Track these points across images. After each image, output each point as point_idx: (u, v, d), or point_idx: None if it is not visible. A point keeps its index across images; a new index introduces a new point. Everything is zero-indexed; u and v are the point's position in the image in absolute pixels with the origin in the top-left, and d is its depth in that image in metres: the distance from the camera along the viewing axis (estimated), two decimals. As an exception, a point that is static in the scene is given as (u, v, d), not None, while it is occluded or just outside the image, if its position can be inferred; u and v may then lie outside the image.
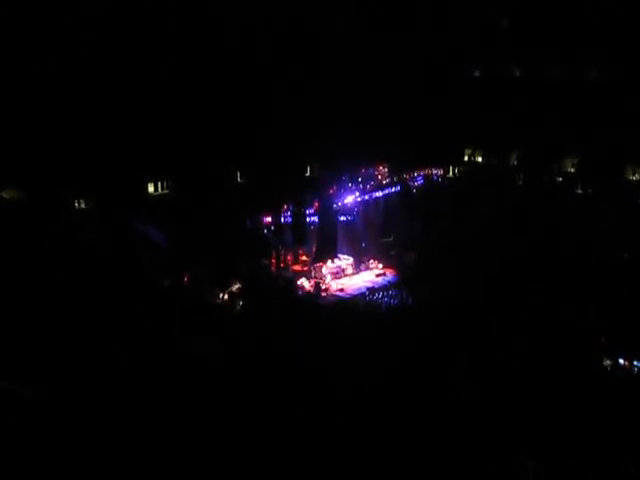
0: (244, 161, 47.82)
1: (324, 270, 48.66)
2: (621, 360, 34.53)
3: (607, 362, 34.62)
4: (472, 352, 33.13)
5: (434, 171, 56.54)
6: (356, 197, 52.09)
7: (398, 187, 54.37)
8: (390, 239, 53.50)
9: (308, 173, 52.99)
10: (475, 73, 56.05)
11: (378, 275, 50.09)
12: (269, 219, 48.67)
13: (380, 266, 51.03)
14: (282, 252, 49.50)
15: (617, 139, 47.14)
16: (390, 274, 50.28)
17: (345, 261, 50.35)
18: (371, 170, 54.45)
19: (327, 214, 50.45)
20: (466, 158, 57.98)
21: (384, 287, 47.36)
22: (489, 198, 52.11)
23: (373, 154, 52.91)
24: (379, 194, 53.46)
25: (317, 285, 46.91)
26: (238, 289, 43.40)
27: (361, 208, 52.49)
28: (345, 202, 51.50)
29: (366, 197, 52.80)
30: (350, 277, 49.76)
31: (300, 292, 46.12)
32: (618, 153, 48.39)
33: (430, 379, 30.02)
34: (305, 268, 49.67)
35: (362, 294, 46.46)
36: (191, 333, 33.49)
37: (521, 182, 54.09)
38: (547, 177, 52.96)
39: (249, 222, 47.38)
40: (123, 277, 37.57)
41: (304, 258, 50.73)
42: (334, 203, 50.99)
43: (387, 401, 27.74)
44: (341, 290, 47.41)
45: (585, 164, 51.32)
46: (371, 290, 46.84)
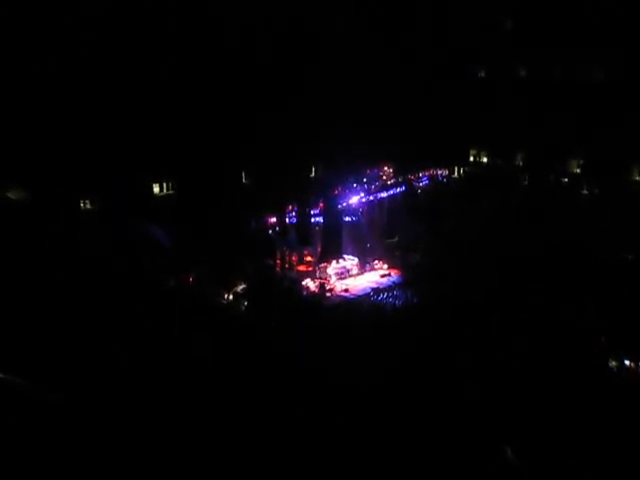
0: (249, 162, 47.81)
1: (329, 270, 48.63)
2: (627, 361, 34.48)
3: (613, 363, 34.56)
4: (475, 352, 33.12)
5: (439, 171, 56.47)
6: (361, 198, 52.05)
7: (403, 187, 54.29)
8: (395, 240, 53.43)
9: (313, 174, 52.96)
10: (480, 74, 55.97)
11: (383, 276, 50.03)
12: (274, 220, 48.66)
13: (385, 267, 50.98)
14: (287, 252, 49.47)
15: (622, 139, 47.00)
16: (395, 275, 50.22)
17: (350, 262, 50.30)
18: (376, 171, 54.43)
19: (332, 215, 50.39)
20: (471, 158, 57.86)
21: (389, 287, 47.33)
22: (494, 198, 52.04)
23: (378, 155, 52.86)
24: (384, 195, 53.41)
25: (322, 285, 46.91)
26: (243, 289, 43.41)
27: (366, 209, 52.45)
28: (350, 203, 51.49)
29: (371, 198, 52.75)
30: (355, 277, 49.72)
31: (305, 292, 46.10)
32: (623, 153, 48.26)
33: (432, 379, 30.00)
34: (310, 268, 49.63)
35: (367, 294, 46.44)
36: (193, 333, 33.50)
37: (526, 182, 53.95)
38: (552, 177, 52.83)
39: (254, 223, 47.37)
40: (128, 277, 37.60)
41: (309, 259, 50.65)
42: (339, 204, 50.96)
43: (388, 400, 27.73)
44: (346, 290, 47.38)
45: (590, 164, 51.21)
46: (376, 290, 46.80)
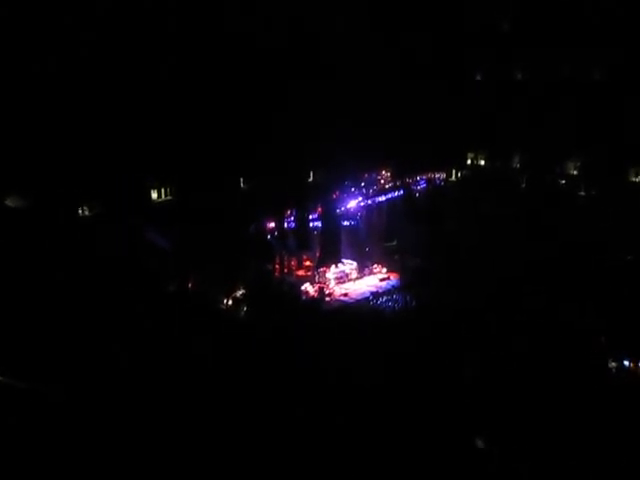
0: (247, 167, 47.87)
1: (328, 275, 48.69)
2: (626, 362, 34.52)
3: (612, 364, 34.60)
4: (476, 355, 33.17)
5: (437, 175, 56.56)
6: (359, 202, 52.14)
7: (401, 191, 54.37)
8: (393, 243, 53.52)
9: (311, 178, 53.04)
10: (477, 76, 56.11)
11: (382, 280, 50.14)
12: (272, 225, 48.72)
13: (384, 270, 51.08)
14: (286, 257, 49.55)
15: (620, 141, 47.13)
16: (394, 278, 50.33)
17: (349, 266, 50.37)
18: (374, 175, 54.52)
19: (330, 219, 50.47)
20: (469, 162, 57.97)
21: (388, 291, 47.40)
22: (492, 201, 52.15)
23: (376, 159, 52.97)
24: (382, 199, 53.50)
25: (321, 290, 46.98)
26: (242, 294, 43.48)
27: (364, 213, 52.53)
28: (348, 207, 51.58)
29: (369, 202, 52.84)
30: (354, 282, 49.80)
31: (304, 297, 46.17)
32: (621, 155, 48.37)
33: (433, 382, 30.05)
34: (309, 273, 49.71)
35: (366, 299, 46.50)
36: (193, 336, 33.57)
37: (524, 185, 54.04)
38: (550, 180, 52.93)
39: (253, 227, 47.44)
40: (128, 282, 37.65)
41: (308, 263, 50.75)
42: (337, 208, 51.04)
43: (387, 403, 27.79)
44: (345, 295, 47.47)
45: (588, 166, 51.32)
46: (375, 295, 46.87)
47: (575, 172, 52.51)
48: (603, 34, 47.99)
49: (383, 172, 54.72)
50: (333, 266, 49.47)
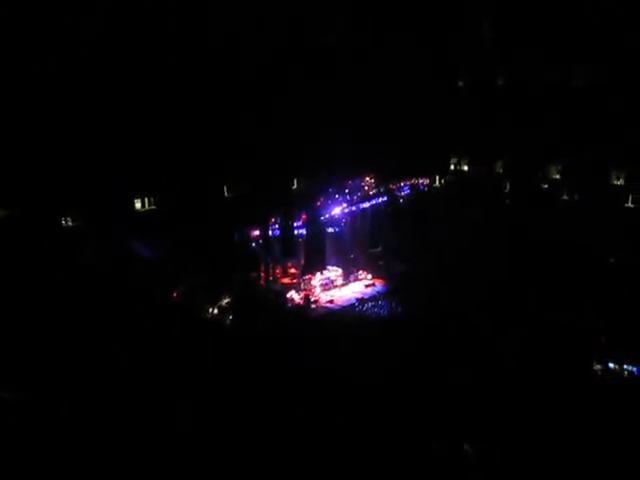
0: (231, 175, 47.80)
1: (313, 282, 48.71)
2: (611, 364, 34.71)
3: (597, 366, 34.79)
4: (462, 360, 33.27)
5: (420, 181, 56.68)
6: (343, 208, 52.14)
7: (385, 197, 54.43)
8: (378, 249, 53.60)
9: (295, 186, 53.02)
10: (459, 83, 56.35)
11: (367, 286, 50.23)
12: (257, 232, 48.63)
13: (369, 277, 51.17)
14: (271, 265, 49.47)
15: (601, 144, 47.44)
16: (379, 284, 50.41)
17: (334, 273, 50.41)
18: (358, 181, 54.54)
19: (315, 226, 50.44)
20: (452, 167, 58.14)
21: (373, 297, 47.46)
22: (476, 206, 52.35)
23: (359, 165, 53.02)
24: (366, 205, 53.53)
25: (307, 297, 46.96)
26: (228, 303, 43.39)
27: (349, 219, 52.56)
28: (332, 214, 51.56)
29: (353, 208, 52.86)
30: (339, 288, 49.86)
31: (290, 304, 46.13)
32: (602, 158, 48.68)
33: (421, 388, 30.12)
34: (294, 281, 49.66)
35: (352, 305, 46.52)
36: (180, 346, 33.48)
37: (507, 190, 54.27)
38: (533, 184, 53.16)
39: (237, 236, 47.32)
40: (112, 293, 37.47)
41: (293, 271, 50.72)
42: (322, 215, 51.02)
43: (376, 409, 27.84)
44: (331, 302, 47.50)
45: (570, 170, 51.61)
46: (360, 301, 46.91)
47: (557, 176, 52.77)
48: (584, 39, 48.31)
49: (367, 179, 54.75)
50: (318, 273, 49.49)
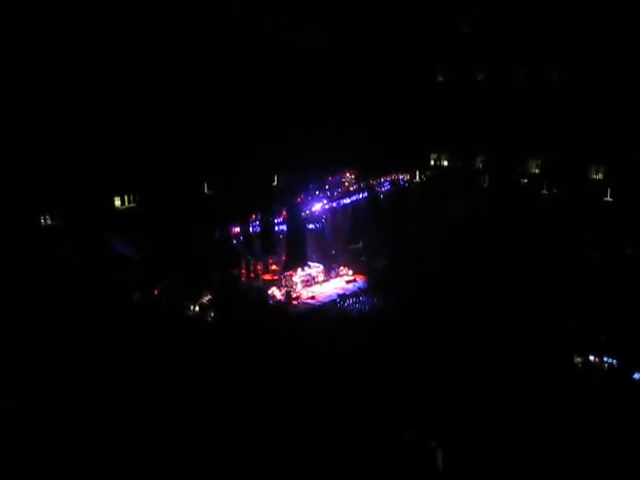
0: (211, 172, 47.66)
1: (295, 278, 48.65)
2: (591, 357, 35.01)
3: (577, 359, 35.08)
4: (444, 356, 33.36)
5: (400, 176, 56.76)
6: (324, 204, 52.11)
7: (365, 193, 54.47)
8: (359, 245, 53.70)
9: (275, 182, 52.97)
10: (438, 77, 56.50)
11: (348, 282, 50.25)
12: (237, 229, 48.51)
13: (350, 272, 51.20)
14: (252, 262, 49.40)
15: (579, 139, 47.74)
16: (360, 280, 50.49)
17: (315, 269, 50.39)
18: (338, 177, 54.55)
19: (295, 222, 50.45)
20: (432, 162, 58.30)
21: (355, 293, 47.53)
22: (456, 201, 52.58)
23: (339, 161, 53.04)
24: (347, 201, 53.54)
25: (288, 294, 46.95)
26: (209, 300, 43.28)
27: (329, 215, 52.54)
28: (313, 210, 51.52)
29: (334, 204, 52.84)
30: (321, 284, 49.84)
31: (271, 301, 46.10)
32: (581, 153, 49.02)
33: (401, 383, 30.16)
34: (275, 277, 49.63)
35: (333, 301, 46.56)
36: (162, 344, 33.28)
37: (487, 185, 54.52)
38: (512, 179, 53.44)
39: (217, 233, 47.18)
40: (92, 291, 37.24)
41: (274, 267, 50.68)
42: (302, 211, 51.00)
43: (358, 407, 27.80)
44: (312, 298, 47.51)
45: (549, 165, 51.94)
46: (342, 297, 46.96)
47: (537, 171, 53.08)
48: (561, 33, 48.61)
49: (347, 174, 54.77)
50: (299, 269, 49.47)
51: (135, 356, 31.63)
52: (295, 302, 46.67)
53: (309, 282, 49.44)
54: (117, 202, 44.96)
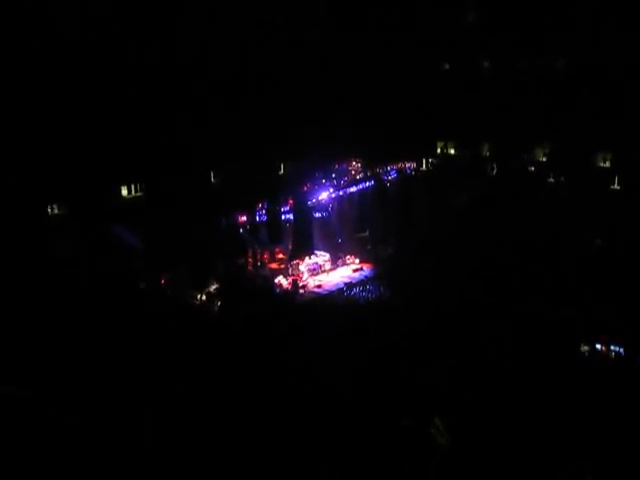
0: (217, 161, 47.60)
1: (301, 267, 48.71)
2: (598, 345, 34.97)
3: (585, 348, 35.05)
4: (450, 346, 33.42)
5: (407, 165, 56.63)
6: (330, 193, 52.06)
7: (372, 182, 54.39)
8: (366, 234, 53.64)
9: (282, 171, 52.90)
10: (445, 66, 56.26)
11: (355, 270, 50.27)
12: (244, 218, 48.52)
13: (357, 261, 51.21)
14: (258, 251, 49.43)
15: (586, 127, 47.50)
16: (367, 269, 50.48)
17: (322, 258, 50.43)
18: (344, 166, 54.48)
19: (302, 211, 50.43)
20: (439, 151, 58.12)
21: (361, 282, 47.53)
22: (463, 189, 52.48)
23: (346, 149, 52.96)
24: (353, 189, 53.48)
25: (295, 282, 46.97)
26: (216, 289, 43.35)
27: (336, 204, 52.49)
28: (320, 199, 51.49)
29: (340, 193, 52.79)
30: (327, 273, 49.88)
31: (278, 290, 46.14)
32: (588, 141, 48.76)
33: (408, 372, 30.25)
34: (282, 266, 49.64)
35: (340, 290, 46.59)
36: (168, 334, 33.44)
37: (494, 172, 54.32)
38: (519, 166, 53.21)
39: (224, 222, 47.20)
40: (99, 280, 37.36)
41: (281, 256, 50.70)
42: (308, 200, 50.97)
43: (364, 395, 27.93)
44: (319, 287, 47.57)
45: (556, 153, 51.69)
46: (349, 285, 46.97)
47: (544, 159, 52.83)
48: (567, 23, 48.30)
49: (354, 163, 54.68)
50: (306, 258, 49.52)
51: (139, 347, 31.79)
52: (302, 291, 46.72)
53: (316, 271, 49.49)
54: (124, 191, 44.95)
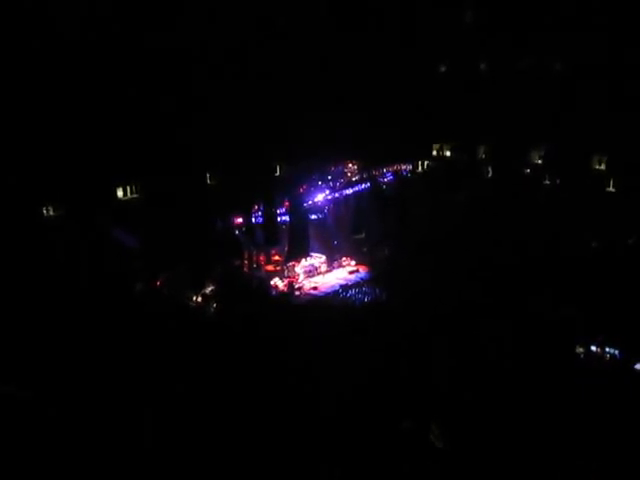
0: (213, 163, 47.55)
1: (297, 269, 48.72)
2: (593, 347, 35.00)
3: (580, 349, 35.09)
4: (446, 344, 33.44)
5: (403, 167, 56.65)
6: (326, 195, 52.07)
7: (368, 184, 54.39)
8: (362, 236, 53.63)
9: (278, 173, 52.87)
10: (441, 69, 56.26)
11: (351, 272, 50.32)
12: (240, 220, 48.50)
13: (353, 263, 51.23)
14: (254, 253, 49.41)
15: (582, 129, 47.55)
16: (363, 271, 50.50)
17: (318, 259, 50.45)
18: (340, 168, 54.47)
19: (298, 213, 50.39)
20: (434, 153, 58.13)
21: (357, 284, 47.54)
22: (459, 192, 52.50)
23: (342, 151, 52.93)
24: (349, 191, 53.49)
25: (290, 284, 46.98)
26: (211, 291, 43.32)
27: (332, 206, 52.50)
28: (315, 200, 51.48)
29: (336, 195, 52.79)
30: (323, 275, 49.91)
31: (274, 292, 46.13)
32: (583, 143, 48.81)
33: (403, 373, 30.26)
34: (278, 268, 49.65)
35: (336, 291, 46.59)
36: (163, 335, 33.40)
37: (489, 175, 54.36)
38: (515, 169, 53.24)
39: (220, 223, 47.16)
40: (95, 282, 37.29)
41: (277, 258, 50.70)
42: (304, 202, 50.95)
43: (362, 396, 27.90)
44: (315, 288, 47.56)
45: (551, 155, 51.74)
46: (344, 287, 46.98)
47: (539, 161, 52.87)
48: (564, 24, 48.35)
49: (350, 165, 54.68)
50: (302, 260, 49.51)
51: (136, 348, 31.75)
52: (298, 292, 46.72)
53: (312, 273, 49.53)
54: (119, 193, 44.86)
